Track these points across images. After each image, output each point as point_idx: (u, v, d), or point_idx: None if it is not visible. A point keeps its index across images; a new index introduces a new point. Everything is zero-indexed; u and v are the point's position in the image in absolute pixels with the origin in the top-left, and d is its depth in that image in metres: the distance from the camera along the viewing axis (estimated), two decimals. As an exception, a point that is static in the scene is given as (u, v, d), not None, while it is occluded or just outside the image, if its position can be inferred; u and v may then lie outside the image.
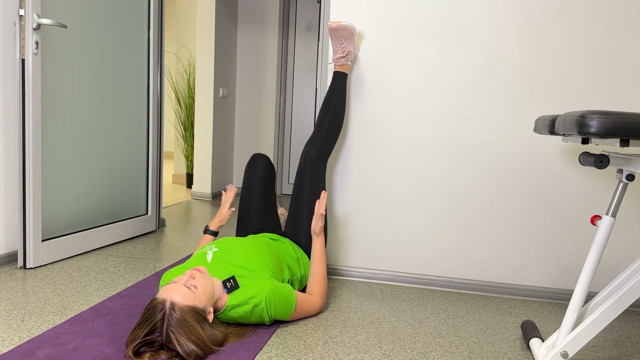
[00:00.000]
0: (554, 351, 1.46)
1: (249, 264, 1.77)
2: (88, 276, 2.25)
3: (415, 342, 1.72)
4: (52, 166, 2.40)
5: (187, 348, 1.42)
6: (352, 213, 2.41)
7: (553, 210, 2.23)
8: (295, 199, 2.19)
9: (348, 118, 2.38)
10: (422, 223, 2.35)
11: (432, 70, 2.28)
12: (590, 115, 1.24)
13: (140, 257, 2.60)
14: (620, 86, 2.14)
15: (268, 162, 2.32)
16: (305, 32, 4.92)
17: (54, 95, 2.38)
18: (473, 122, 2.26)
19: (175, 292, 1.48)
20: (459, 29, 2.24)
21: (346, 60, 2.22)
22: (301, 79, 4.98)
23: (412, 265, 2.38)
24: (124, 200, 2.93)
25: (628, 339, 1.86)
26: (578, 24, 2.15)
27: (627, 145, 1.28)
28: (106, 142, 2.75)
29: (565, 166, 2.21)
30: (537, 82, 2.20)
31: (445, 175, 2.31)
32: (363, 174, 2.38)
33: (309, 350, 1.61)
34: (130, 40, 2.88)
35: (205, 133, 4.54)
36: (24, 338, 1.60)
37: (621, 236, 2.20)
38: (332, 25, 2.12)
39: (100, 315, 1.80)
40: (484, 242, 2.30)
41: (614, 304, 1.44)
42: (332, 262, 2.45)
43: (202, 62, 4.49)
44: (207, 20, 4.44)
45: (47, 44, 2.32)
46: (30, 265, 2.30)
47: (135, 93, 2.95)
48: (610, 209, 1.45)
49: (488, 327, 1.90)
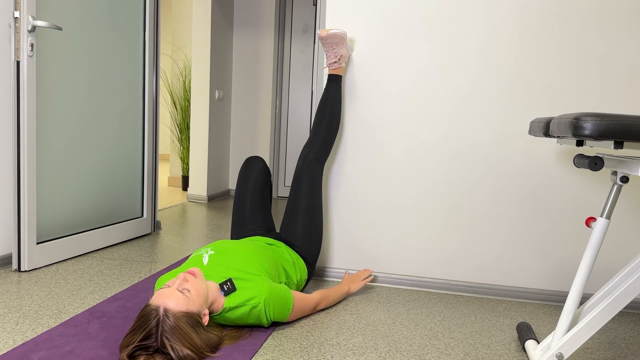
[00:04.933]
0: (549, 353, 1.47)
1: (246, 267, 1.76)
2: (83, 279, 2.24)
3: (411, 344, 1.72)
4: (47, 168, 2.39)
5: (181, 353, 1.42)
6: (348, 215, 2.41)
7: (548, 212, 2.24)
8: (292, 201, 2.19)
9: (343, 120, 2.38)
10: (418, 225, 2.35)
11: (427, 73, 2.29)
12: (584, 117, 1.25)
13: (136, 260, 2.59)
14: (615, 88, 2.15)
15: (263, 164, 2.33)
16: (301, 34, 4.92)
17: (49, 97, 2.37)
18: (468, 125, 2.27)
19: (168, 298, 1.47)
20: (454, 31, 2.25)
21: (339, 63, 2.23)
22: (297, 82, 4.98)
23: (408, 268, 2.38)
24: (119, 203, 2.92)
25: (623, 340, 1.87)
26: (573, 26, 2.16)
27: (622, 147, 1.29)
28: (101, 144, 2.74)
29: (560, 168, 2.22)
30: (532, 84, 2.21)
31: (441, 177, 2.31)
32: (358, 176, 2.38)
33: (305, 352, 1.61)
34: (126, 42, 2.87)
35: (201, 135, 4.54)
36: (19, 341, 1.59)
37: (616, 238, 2.21)
38: (322, 34, 2.13)
39: (96, 318, 1.79)
40: (479, 245, 2.31)
41: (609, 306, 1.44)
42: (328, 265, 2.45)
43: (198, 65, 4.49)
44: (203, 22, 4.44)
45: (42, 46, 2.31)
46: (25, 268, 2.29)
47: (130, 95, 2.94)
48: (605, 211, 1.45)
49: (484, 329, 1.90)
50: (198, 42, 4.47)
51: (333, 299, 2.04)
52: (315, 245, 2.17)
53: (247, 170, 2.31)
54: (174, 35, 5.39)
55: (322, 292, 1.98)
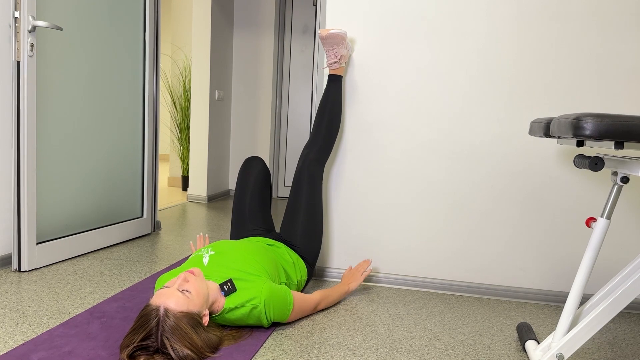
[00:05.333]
0: (549, 353, 1.47)
1: (246, 267, 1.76)
2: (83, 279, 2.24)
3: (411, 345, 1.72)
4: (47, 169, 2.39)
5: (181, 353, 1.42)
6: (348, 215, 2.41)
7: (548, 212, 2.24)
8: (292, 201, 2.19)
9: (343, 121, 2.38)
10: (418, 225, 2.35)
11: (427, 73, 2.29)
12: (585, 117, 1.25)
13: (136, 260, 2.59)
14: (615, 89, 2.15)
15: (262, 164, 2.33)
16: (301, 34, 4.92)
17: (49, 97, 2.37)
18: (468, 125, 2.27)
19: (168, 298, 1.47)
20: (454, 32, 2.25)
21: (340, 63, 2.23)
22: (297, 82, 4.98)
23: (408, 268, 2.38)
24: (119, 203, 2.92)
25: (623, 340, 1.87)
26: (573, 27, 2.16)
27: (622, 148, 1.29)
28: (101, 144, 2.74)
29: (560, 169, 2.22)
30: (532, 84, 2.21)
31: (441, 177, 2.31)
32: (358, 176, 2.38)
33: (305, 352, 1.61)
34: (126, 42, 2.87)
35: (201, 135, 4.54)
36: (19, 341, 1.59)
37: (616, 238, 2.21)
38: (322, 33, 2.13)
39: (95, 319, 1.79)
40: (480, 245, 2.31)
41: (609, 306, 1.44)
42: (328, 265, 2.45)
43: (198, 65, 4.49)
44: (203, 22, 4.44)
45: (42, 46, 2.31)
46: (25, 268, 2.29)
47: (130, 95, 2.94)
48: (605, 211, 1.45)
49: (484, 329, 1.90)
50: (198, 42, 4.47)
51: (333, 299, 2.03)
52: (315, 245, 2.17)
53: (247, 171, 2.31)
54: (174, 35, 5.39)
55: (322, 292, 1.98)
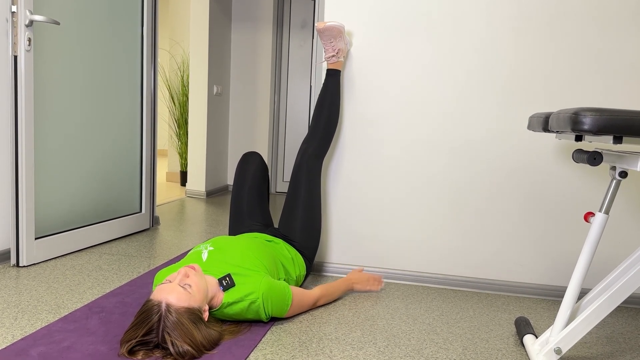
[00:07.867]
0: (547, 347, 1.47)
1: (245, 263, 1.76)
2: (82, 274, 2.24)
3: (410, 339, 1.73)
4: (45, 164, 2.39)
5: (181, 349, 1.42)
6: (346, 211, 2.41)
7: (547, 207, 2.24)
8: (291, 196, 2.19)
9: (342, 116, 2.37)
10: (416, 221, 2.35)
11: (425, 69, 2.28)
12: (583, 112, 1.25)
13: (134, 255, 2.59)
14: (614, 84, 2.15)
15: (260, 159, 2.33)
16: (299, 29, 4.91)
17: (47, 92, 2.36)
18: (467, 121, 2.27)
19: (170, 293, 1.47)
20: (453, 28, 2.24)
21: (337, 57, 2.22)
22: (295, 77, 4.97)
23: (406, 263, 2.38)
24: (117, 198, 2.91)
25: (621, 335, 1.87)
26: (572, 23, 2.16)
27: (621, 142, 1.29)
28: (99, 139, 2.73)
29: (559, 163, 2.22)
30: (530, 80, 2.21)
31: (439, 173, 2.31)
32: (356, 172, 2.38)
33: (304, 347, 1.62)
34: (124, 37, 2.86)
35: (199, 131, 4.53)
36: (17, 336, 1.59)
37: (614, 233, 2.21)
38: (320, 26, 2.13)
39: (94, 314, 1.79)
40: (478, 240, 2.31)
41: (607, 301, 1.44)
42: (326, 260, 2.45)
43: (196, 60, 4.48)
44: (201, 17, 4.42)
45: (39, 40, 2.30)
46: (24, 263, 2.29)
47: (128, 90, 2.94)
48: (604, 206, 1.45)
49: (482, 323, 1.91)
50: (196, 37, 4.45)
51: (334, 296, 2.03)
52: (313, 240, 2.17)
53: (245, 166, 2.30)
54: (172, 30, 5.37)
55: (323, 287, 1.98)
